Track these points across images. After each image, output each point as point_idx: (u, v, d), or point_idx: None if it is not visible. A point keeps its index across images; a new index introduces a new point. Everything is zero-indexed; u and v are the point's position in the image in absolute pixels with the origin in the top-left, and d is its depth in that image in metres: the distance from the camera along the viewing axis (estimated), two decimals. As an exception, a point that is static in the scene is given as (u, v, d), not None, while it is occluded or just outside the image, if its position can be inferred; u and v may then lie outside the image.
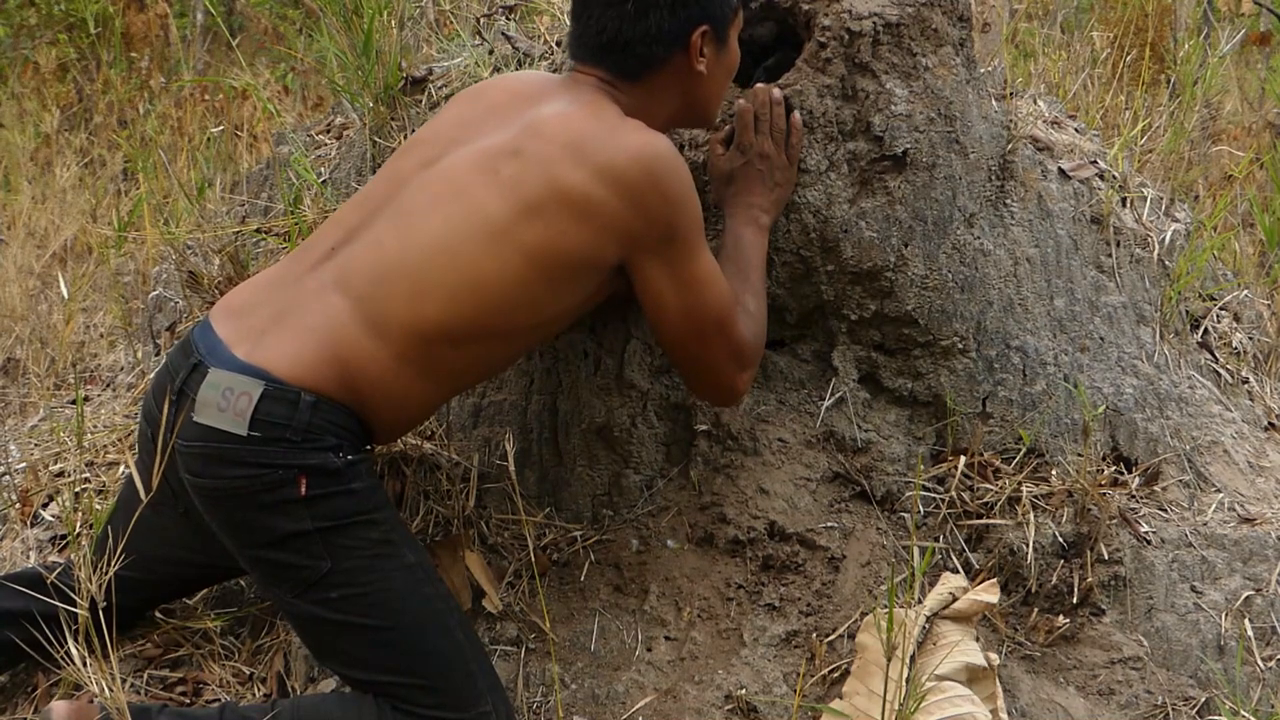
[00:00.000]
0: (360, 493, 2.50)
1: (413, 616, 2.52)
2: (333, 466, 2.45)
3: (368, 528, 2.50)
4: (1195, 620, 2.95)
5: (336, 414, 2.46)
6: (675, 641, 2.87)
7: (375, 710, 2.53)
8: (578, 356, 3.04)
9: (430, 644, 2.53)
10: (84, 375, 4.36)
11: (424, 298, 2.48)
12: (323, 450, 2.44)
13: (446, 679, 2.54)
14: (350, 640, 2.53)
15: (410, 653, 2.52)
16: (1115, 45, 5.32)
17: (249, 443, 2.40)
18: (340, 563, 2.47)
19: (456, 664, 2.55)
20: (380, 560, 2.50)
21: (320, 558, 2.46)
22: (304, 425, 2.41)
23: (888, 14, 2.99)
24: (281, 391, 2.41)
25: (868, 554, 2.94)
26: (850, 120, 3.00)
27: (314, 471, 2.43)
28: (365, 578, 2.49)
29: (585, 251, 2.53)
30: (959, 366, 3.08)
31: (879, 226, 2.99)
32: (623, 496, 3.04)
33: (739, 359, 2.72)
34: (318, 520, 2.45)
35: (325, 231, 2.64)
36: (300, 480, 2.42)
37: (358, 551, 2.48)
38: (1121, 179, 3.58)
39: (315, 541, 2.45)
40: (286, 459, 2.42)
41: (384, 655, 2.52)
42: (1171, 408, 3.28)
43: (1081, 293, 3.25)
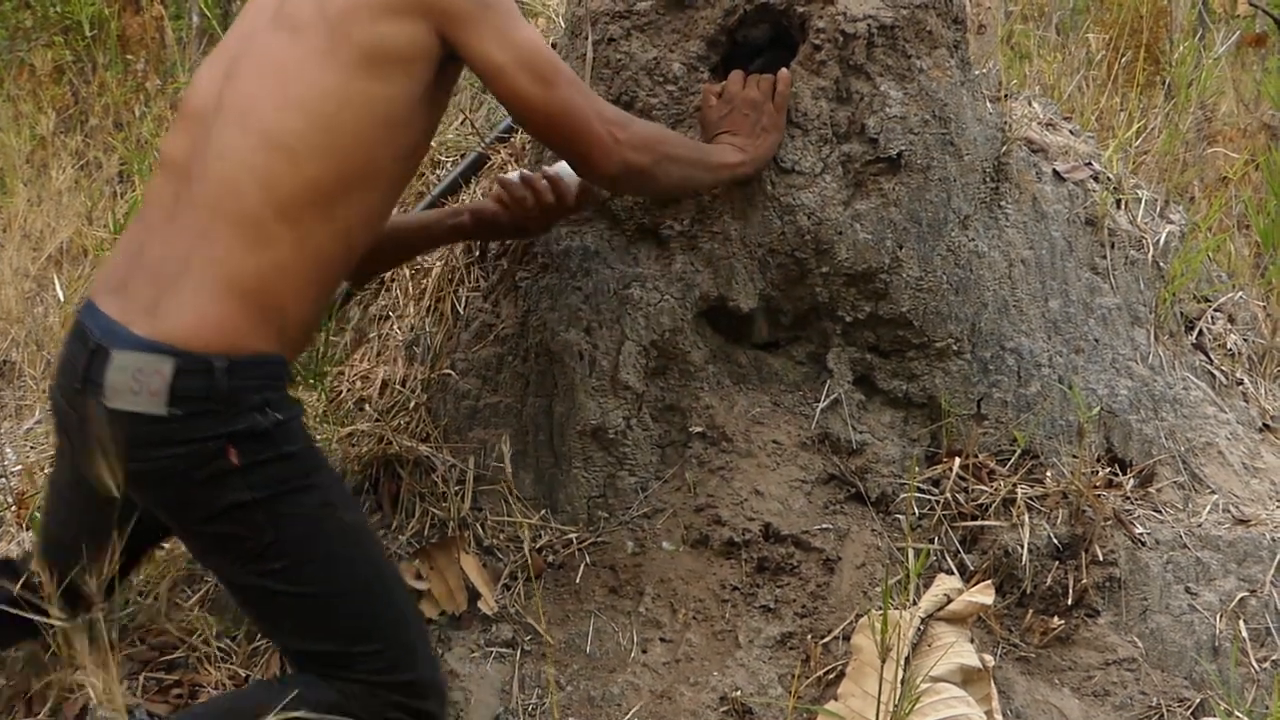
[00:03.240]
0: (295, 456, 2.42)
1: (356, 581, 2.46)
2: (261, 428, 2.35)
3: (306, 493, 2.42)
4: (1190, 621, 2.95)
5: (253, 368, 2.36)
6: (670, 643, 2.87)
7: (312, 685, 2.45)
8: (573, 358, 3.04)
9: (375, 608, 2.47)
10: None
11: (294, 168, 2.38)
12: (248, 412, 2.34)
13: (390, 642, 2.47)
14: (296, 610, 2.45)
15: (356, 617, 2.46)
16: (1110, 47, 5.32)
17: (172, 421, 2.30)
18: (283, 532, 2.39)
19: (399, 627, 2.50)
20: (322, 526, 2.43)
21: (263, 528, 2.38)
22: (224, 392, 2.31)
23: (882, 16, 3.00)
24: (193, 362, 2.31)
25: (863, 556, 2.94)
26: (845, 122, 3.00)
27: (243, 437, 2.33)
28: (308, 546, 2.42)
29: (408, 41, 2.45)
30: (954, 368, 3.08)
31: (874, 228, 2.99)
32: (618, 498, 3.05)
33: (603, 115, 2.60)
34: (256, 490, 2.36)
35: (159, 182, 2.52)
36: (229, 450, 2.32)
37: (299, 519, 2.41)
38: (1116, 181, 3.59)
39: (256, 512, 2.37)
40: (213, 429, 2.32)
41: (330, 623, 2.45)
42: (1166, 409, 3.28)
43: (1076, 294, 3.26)
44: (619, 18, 3.08)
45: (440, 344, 3.28)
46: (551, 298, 3.09)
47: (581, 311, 3.06)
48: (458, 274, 3.35)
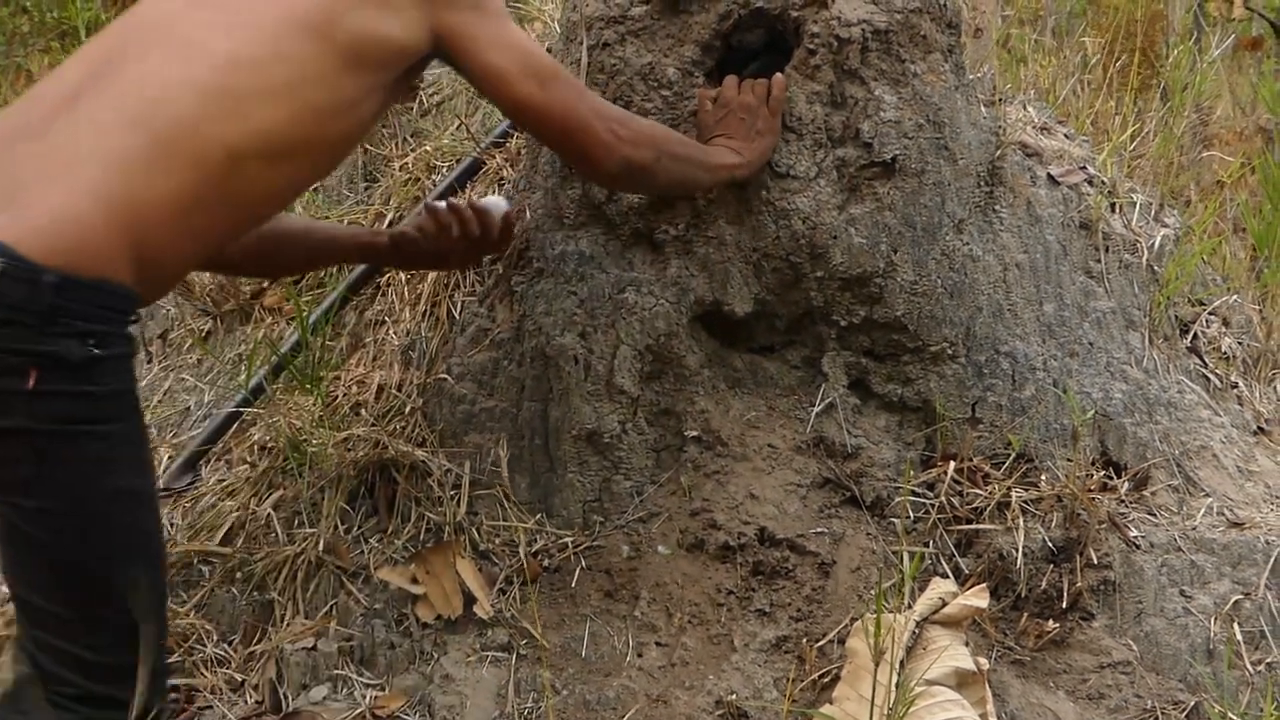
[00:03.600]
0: (97, 397, 2.17)
1: (104, 553, 2.22)
2: (74, 359, 2.11)
3: (90, 440, 2.17)
4: (1184, 624, 2.96)
5: (88, 292, 2.13)
6: (666, 647, 2.88)
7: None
8: (568, 363, 3.04)
9: (112, 585, 2.24)
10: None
11: (237, 111, 2.26)
12: (64, 337, 2.11)
13: (111, 633, 2.25)
14: (35, 556, 2.23)
15: (92, 591, 2.23)
16: (1106, 51, 5.33)
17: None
18: (45, 471, 2.15)
19: (125, 620, 2.25)
20: (93, 482, 2.20)
21: (25, 460, 2.14)
22: (44, 308, 2.08)
23: (876, 21, 3.00)
24: (20, 270, 2.06)
25: (858, 559, 2.95)
26: (839, 127, 3.01)
27: (49, 362, 2.09)
28: (66, 496, 2.17)
29: (397, 35, 2.42)
30: (948, 372, 3.09)
31: (868, 233, 3.00)
32: (613, 502, 3.05)
33: (602, 113, 2.60)
34: (37, 420, 2.12)
35: (64, 74, 2.33)
36: (30, 372, 2.08)
37: (71, 465, 2.17)
38: (1111, 184, 3.59)
39: (26, 441, 2.13)
40: (19, 344, 2.09)
41: (65, 586, 2.22)
42: (1161, 412, 3.28)
43: (1070, 298, 3.26)
44: (613, 23, 3.09)
45: (436, 349, 3.29)
46: (547, 302, 3.10)
47: (577, 316, 3.06)
48: (453, 279, 3.35)
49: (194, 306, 3.77)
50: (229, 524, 3.17)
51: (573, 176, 3.09)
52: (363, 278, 3.45)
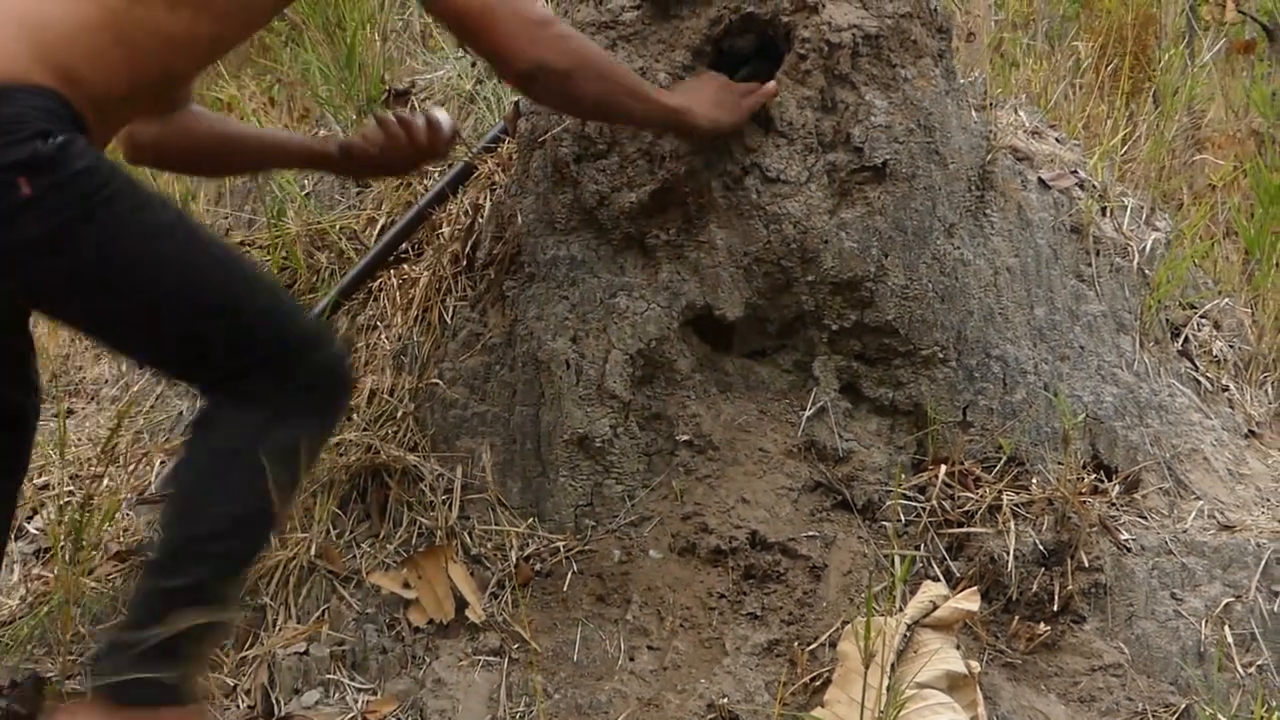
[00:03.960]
0: (88, 170, 2.19)
1: (199, 272, 2.30)
2: (45, 154, 2.13)
3: (110, 204, 2.21)
4: (1175, 627, 2.96)
5: (28, 96, 2.16)
6: (658, 651, 2.88)
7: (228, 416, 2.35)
8: (560, 367, 3.05)
9: (231, 287, 2.34)
10: (68, 389, 4.36)
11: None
12: (28, 140, 2.12)
13: (262, 320, 2.36)
14: (155, 323, 2.31)
15: (215, 308, 2.32)
16: (1099, 54, 5.33)
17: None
18: (102, 250, 2.20)
19: (260, 295, 2.39)
20: (139, 231, 2.25)
21: (80, 252, 2.19)
22: (4, 120, 2.11)
23: (867, 26, 3.01)
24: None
25: (849, 563, 2.95)
26: (830, 131, 3.01)
27: (29, 166, 2.11)
28: (131, 255, 2.24)
29: None
30: (939, 376, 3.09)
31: (859, 237, 3.00)
32: (605, 507, 3.05)
33: (520, 12, 2.54)
34: (58, 214, 2.16)
35: None
36: (19, 181, 2.11)
37: (112, 233, 2.21)
38: (1102, 188, 3.60)
39: (66, 238, 2.17)
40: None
41: (192, 324, 2.32)
42: (1151, 416, 3.29)
43: (1061, 302, 3.27)
44: (604, 28, 3.09)
45: (428, 353, 3.29)
46: (538, 307, 3.10)
47: (568, 320, 3.07)
48: (445, 283, 3.36)
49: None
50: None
51: (564, 181, 3.09)
52: (354, 282, 3.45)
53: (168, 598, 2.28)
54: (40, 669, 2.98)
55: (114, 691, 2.26)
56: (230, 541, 2.36)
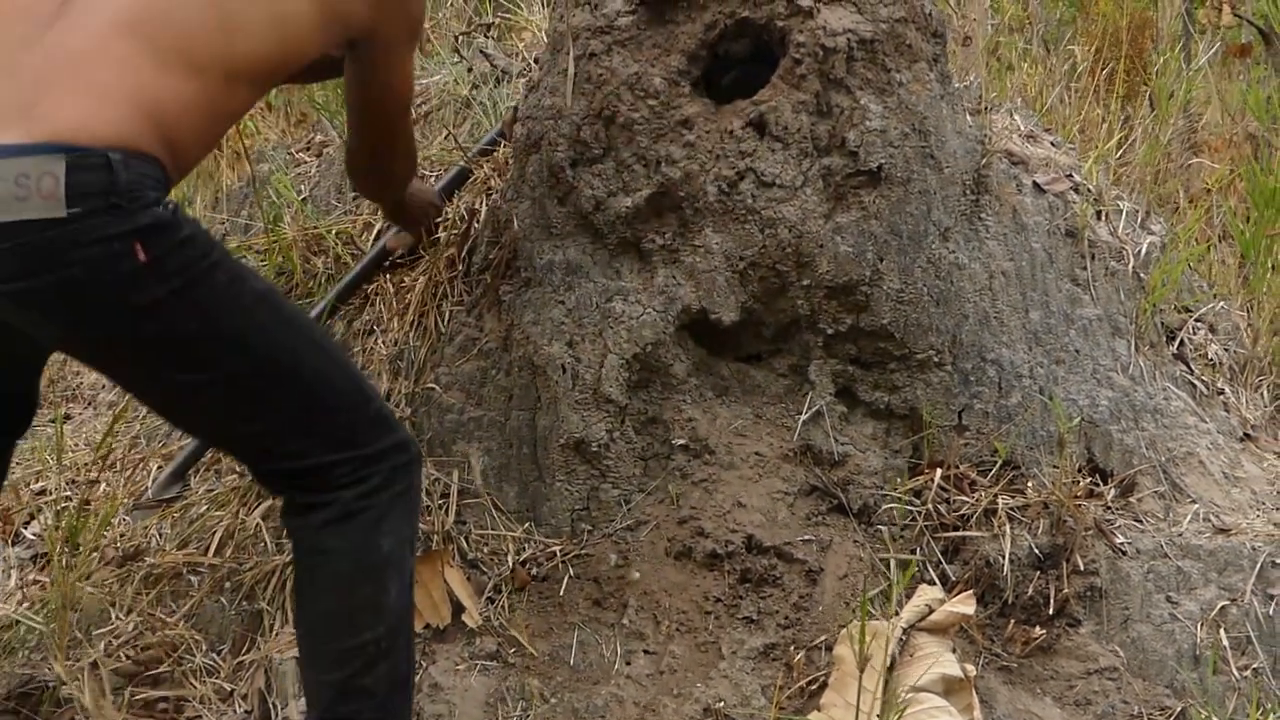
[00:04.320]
0: (194, 238, 2.26)
1: (287, 347, 2.36)
2: (164, 221, 2.20)
3: (214, 271, 2.27)
4: (1171, 630, 2.97)
5: (146, 165, 2.21)
6: (654, 655, 2.88)
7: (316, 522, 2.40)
8: (556, 372, 3.05)
9: (315, 368, 2.40)
10: (66, 394, 4.36)
11: (236, 32, 2.34)
12: (150, 207, 2.18)
13: (345, 399, 2.42)
14: (235, 397, 2.34)
15: (297, 382, 2.37)
16: (1095, 58, 5.34)
17: (72, 222, 2.11)
18: (205, 316, 2.26)
19: (345, 383, 2.43)
20: (240, 299, 2.31)
21: (185, 319, 2.24)
22: (126, 186, 2.15)
23: (862, 30, 3.01)
24: (88, 158, 2.12)
25: (845, 567, 2.96)
26: (825, 136, 3.02)
27: (148, 232, 2.17)
28: (233, 322, 2.30)
29: (357, 10, 2.55)
30: (935, 379, 3.10)
31: (854, 241, 3.01)
32: (601, 511, 3.06)
33: (409, 148, 3.00)
34: (168, 282, 2.20)
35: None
36: (136, 246, 2.15)
37: (214, 301, 2.27)
38: (1097, 192, 3.60)
39: (170, 306, 2.21)
40: (119, 226, 2.15)
41: (273, 399, 2.36)
42: (1147, 419, 3.29)
43: (1056, 306, 3.27)
44: (600, 33, 3.10)
45: (424, 358, 3.29)
46: (534, 311, 3.11)
47: (564, 325, 3.07)
48: (441, 288, 3.36)
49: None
50: (218, 534, 3.17)
51: (560, 186, 3.10)
52: (350, 286, 3.45)
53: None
54: (38, 674, 2.98)
55: None
56: (387, 664, 2.43)
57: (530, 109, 3.20)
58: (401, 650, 2.44)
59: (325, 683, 2.41)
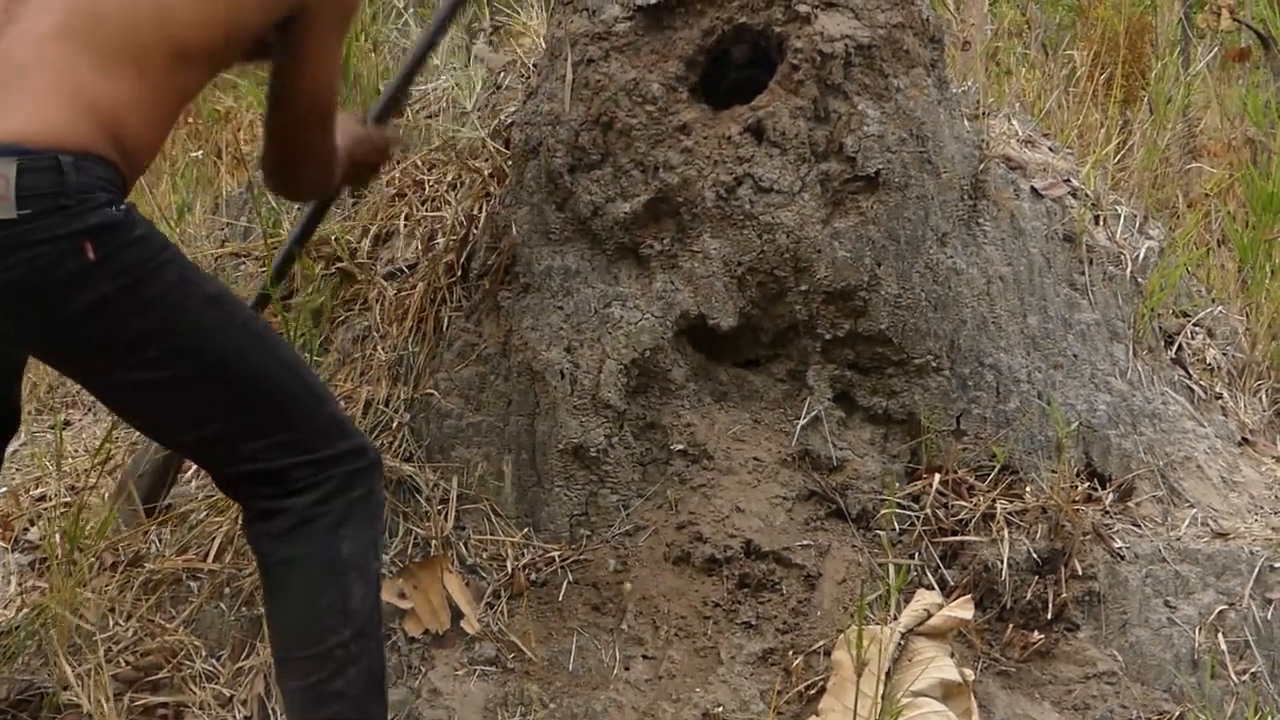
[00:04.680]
0: (144, 238, 2.29)
1: (236, 350, 2.37)
2: (114, 220, 2.23)
3: (162, 270, 2.29)
4: (1169, 635, 2.97)
5: (98, 167, 2.25)
6: (653, 660, 2.89)
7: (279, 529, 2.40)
8: (554, 377, 3.05)
9: (266, 371, 2.40)
10: (66, 400, 4.37)
11: (170, 14, 2.33)
12: (99, 208, 2.22)
13: (296, 403, 2.41)
14: (185, 398, 2.36)
15: (248, 385, 2.37)
16: (1093, 62, 5.35)
17: (23, 222, 2.17)
18: (149, 315, 2.28)
19: (299, 388, 2.43)
20: (187, 300, 2.32)
21: (128, 316, 2.26)
22: (75, 188, 2.19)
23: (859, 36, 3.02)
24: (38, 161, 2.18)
25: (843, 572, 2.96)
26: (823, 141, 3.02)
27: (97, 231, 2.21)
28: (177, 322, 2.31)
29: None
30: (933, 384, 3.10)
31: (852, 246, 3.01)
32: (600, 516, 3.06)
33: (324, 157, 2.69)
34: (114, 280, 2.23)
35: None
36: (85, 245, 2.20)
37: (162, 298, 2.29)
38: (1095, 197, 3.61)
39: (118, 304, 2.25)
40: (67, 226, 2.19)
41: (223, 401, 2.37)
42: (1145, 424, 3.30)
43: (1054, 310, 3.28)
44: (598, 39, 3.10)
45: (423, 364, 3.29)
46: (533, 317, 3.11)
47: (563, 330, 3.08)
48: (440, 294, 3.36)
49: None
50: (217, 539, 3.17)
51: (558, 192, 3.10)
52: (299, 241, 3.36)
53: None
54: (37, 680, 2.98)
55: None
56: (356, 668, 2.42)
57: (528, 115, 3.20)
58: (372, 652, 2.44)
59: (298, 689, 2.42)
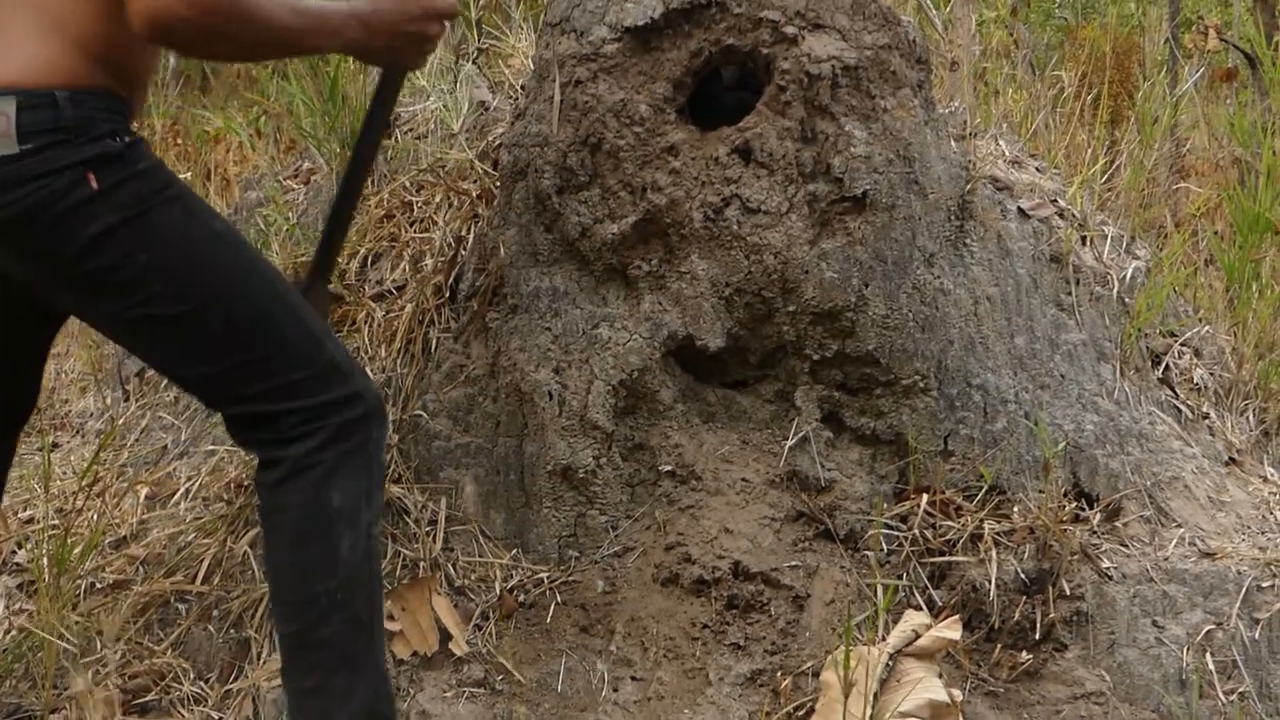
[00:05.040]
0: (149, 172, 2.34)
1: (239, 284, 2.39)
2: (114, 151, 2.29)
3: (168, 205, 2.33)
4: (1157, 655, 2.97)
5: (97, 100, 2.31)
6: (641, 681, 2.89)
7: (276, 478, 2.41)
8: (542, 399, 3.06)
9: (266, 313, 2.41)
10: (54, 422, 4.37)
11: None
12: (99, 139, 2.29)
13: (294, 347, 2.42)
14: (186, 335, 2.39)
15: (246, 325, 2.38)
16: (1082, 83, 5.37)
17: (25, 157, 2.25)
18: (153, 250, 2.31)
19: (298, 332, 2.43)
20: (191, 235, 2.35)
21: (133, 251, 2.30)
22: (72, 121, 2.26)
23: (846, 57, 3.03)
24: (36, 98, 2.25)
25: (832, 592, 2.96)
26: (810, 162, 3.03)
27: (98, 162, 2.28)
28: (181, 258, 2.34)
29: None
30: (920, 405, 3.11)
31: (840, 267, 3.02)
32: (588, 537, 3.06)
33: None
34: (117, 212, 2.28)
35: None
36: (89, 176, 2.26)
37: (167, 233, 2.33)
38: (1082, 217, 3.62)
39: (122, 236, 2.29)
40: (68, 158, 2.26)
41: (222, 340, 2.38)
42: (1132, 444, 3.30)
43: (1041, 331, 3.29)
44: (586, 60, 3.11)
45: (411, 385, 3.30)
46: (521, 338, 3.12)
47: (551, 352, 3.08)
48: (428, 315, 3.37)
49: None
50: (205, 562, 3.17)
51: (546, 213, 3.11)
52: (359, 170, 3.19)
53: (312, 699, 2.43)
54: (25, 703, 2.97)
55: None
56: (342, 615, 2.43)
57: (516, 136, 3.21)
58: (359, 600, 2.44)
59: (285, 634, 2.45)
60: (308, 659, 2.43)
